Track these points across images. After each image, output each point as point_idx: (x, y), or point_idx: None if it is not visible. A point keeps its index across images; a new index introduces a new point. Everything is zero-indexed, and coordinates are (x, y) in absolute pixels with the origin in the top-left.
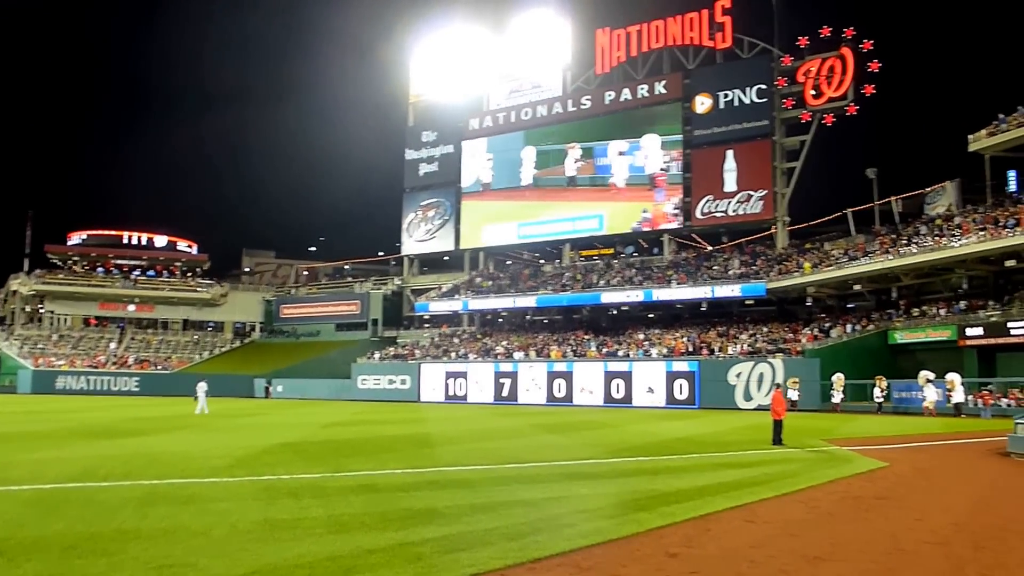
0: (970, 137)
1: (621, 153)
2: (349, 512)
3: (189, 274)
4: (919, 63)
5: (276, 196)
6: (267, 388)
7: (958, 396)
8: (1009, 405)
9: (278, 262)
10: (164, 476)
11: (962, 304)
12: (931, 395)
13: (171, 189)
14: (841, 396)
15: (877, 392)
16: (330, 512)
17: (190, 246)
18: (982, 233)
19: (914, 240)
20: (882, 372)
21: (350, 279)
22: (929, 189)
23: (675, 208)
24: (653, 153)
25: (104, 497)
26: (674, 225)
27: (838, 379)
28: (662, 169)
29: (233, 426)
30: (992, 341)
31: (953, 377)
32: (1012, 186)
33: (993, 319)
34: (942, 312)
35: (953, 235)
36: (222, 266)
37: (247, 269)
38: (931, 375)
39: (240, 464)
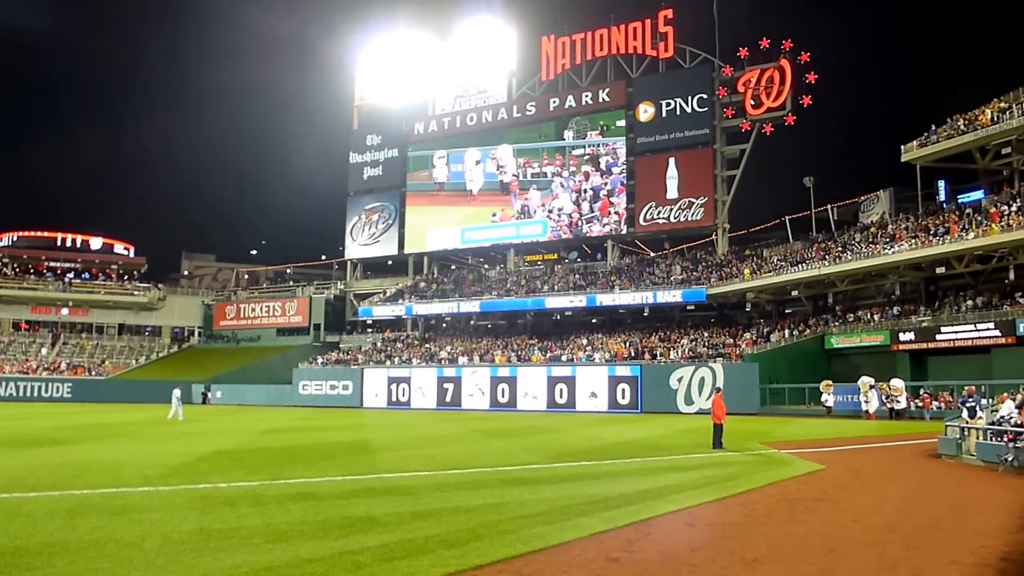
0: (903, 147)
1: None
2: (287, 521)
3: (126, 277)
4: (854, 76)
5: (217, 199)
6: (204, 394)
7: (902, 402)
8: (939, 407)
9: (218, 265)
10: (94, 486)
11: (895, 310)
12: (873, 400)
13: (108, 191)
14: (833, 400)
15: (826, 396)
16: (268, 521)
17: (127, 248)
18: (914, 241)
19: (849, 247)
20: (819, 376)
21: (292, 283)
22: (864, 197)
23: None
24: (508, 161)
25: (30, 508)
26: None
27: (825, 384)
28: (514, 175)
29: (168, 433)
30: (923, 346)
31: (898, 383)
32: (942, 195)
33: (924, 324)
34: (876, 317)
35: (886, 243)
36: (160, 269)
37: (186, 273)
38: (871, 380)
39: (174, 472)
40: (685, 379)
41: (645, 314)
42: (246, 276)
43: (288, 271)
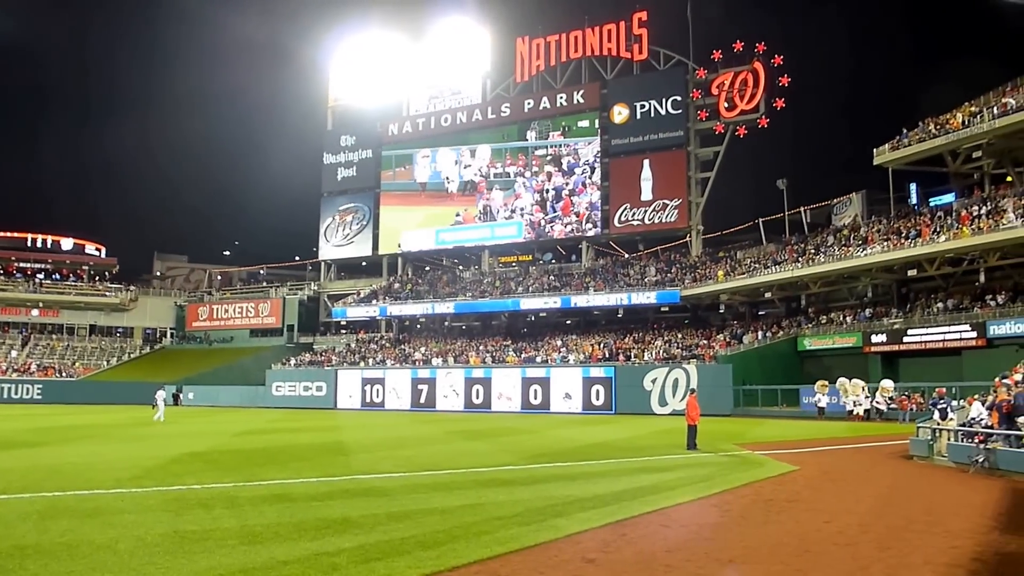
0: (875, 151)
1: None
2: (262, 522)
3: (97, 278)
4: (827, 79)
5: (190, 199)
6: (176, 395)
7: (863, 403)
8: (911, 409)
9: (191, 266)
10: (66, 488)
11: (867, 312)
12: (861, 401)
13: (79, 191)
14: (827, 401)
15: (819, 397)
16: (242, 523)
17: (98, 249)
18: (886, 243)
19: (822, 249)
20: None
21: (265, 284)
22: (836, 200)
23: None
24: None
25: (1, 512)
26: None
27: (820, 385)
28: (482, 176)
29: (141, 435)
30: (895, 347)
31: (887, 384)
32: (914, 198)
33: (896, 326)
34: (848, 319)
35: (859, 245)
36: (132, 270)
37: (158, 273)
38: (862, 383)
39: (147, 474)
40: (659, 380)
41: (619, 315)
42: (219, 277)
43: (261, 272)
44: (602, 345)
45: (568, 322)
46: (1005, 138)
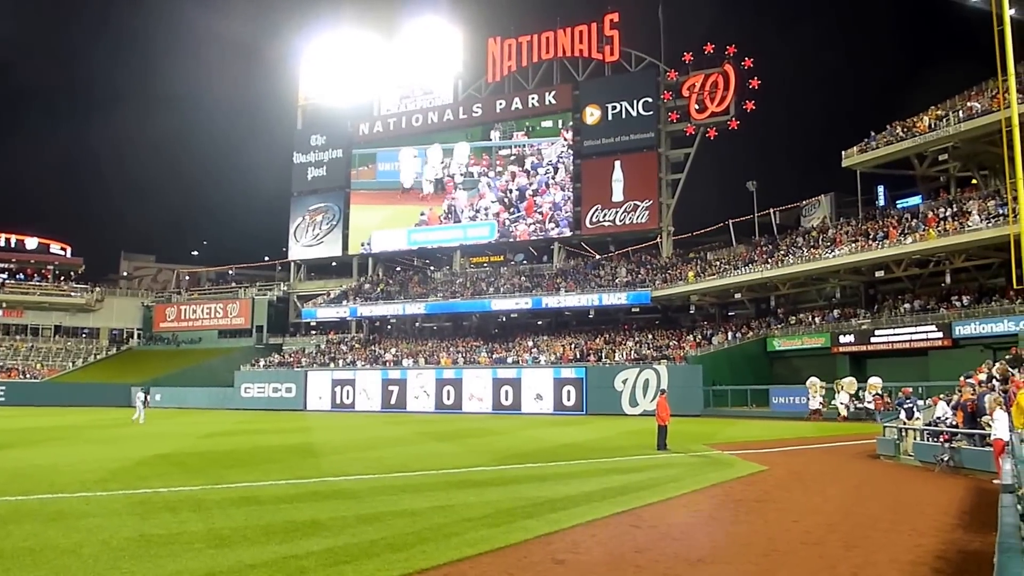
0: (843, 153)
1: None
2: (229, 525)
3: (62, 278)
4: (797, 82)
5: (158, 199)
6: (144, 397)
7: (817, 400)
8: (882, 409)
9: (158, 266)
10: (30, 491)
11: (835, 313)
12: (844, 400)
13: (45, 190)
14: (820, 401)
15: (816, 398)
16: (209, 526)
17: (64, 249)
18: (854, 245)
19: (791, 251)
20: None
21: (234, 284)
22: (805, 202)
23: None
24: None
25: None
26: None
27: (812, 384)
28: (449, 176)
29: (107, 437)
30: (862, 348)
31: (875, 381)
32: (881, 200)
33: (863, 327)
34: (817, 320)
35: (827, 247)
36: (98, 270)
37: (125, 274)
38: (849, 379)
39: (113, 477)
40: (630, 381)
41: (591, 316)
42: (187, 277)
43: (230, 272)
44: (573, 346)
45: (539, 323)
46: (970, 142)
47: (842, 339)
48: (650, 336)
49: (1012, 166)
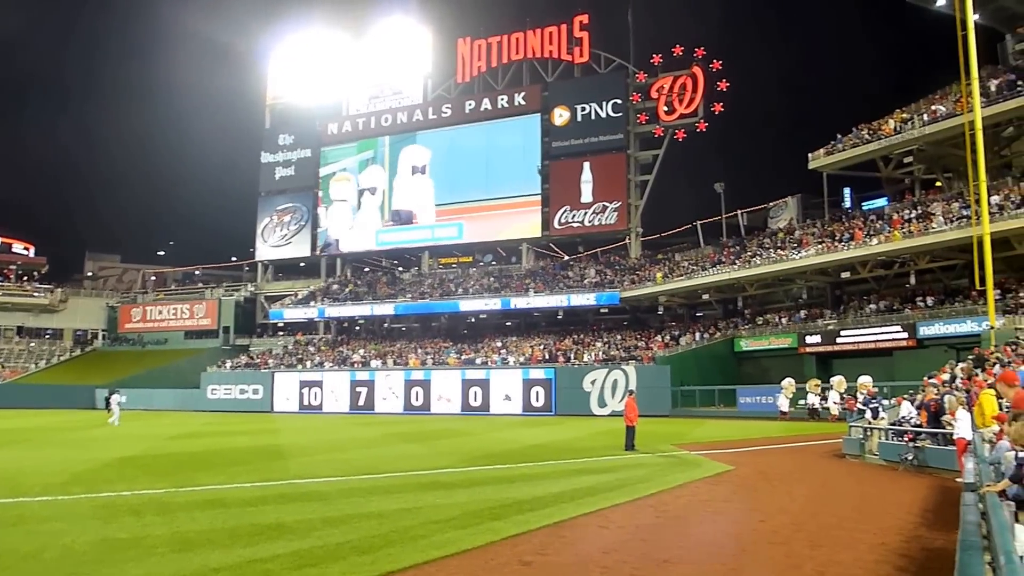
0: (810, 155)
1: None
2: (195, 529)
3: (25, 278)
4: (765, 84)
5: (123, 198)
6: (108, 399)
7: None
8: (839, 408)
9: (124, 266)
10: None
11: (802, 313)
12: (836, 399)
13: (7, 187)
14: (788, 402)
15: (812, 397)
16: (174, 529)
17: (26, 248)
18: (820, 246)
19: (758, 252)
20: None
21: (201, 285)
22: (772, 203)
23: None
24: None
25: None
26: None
27: (788, 384)
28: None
29: (70, 440)
30: (829, 348)
31: (866, 379)
32: (847, 202)
33: (830, 327)
34: (784, 321)
35: (794, 248)
36: (62, 270)
37: (90, 273)
38: (838, 378)
39: (76, 480)
40: (598, 382)
41: (559, 317)
42: (153, 277)
43: (197, 273)
44: (542, 347)
45: (508, 324)
46: (935, 144)
47: (808, 339)
48: (619, 337)
49: (975, 169)
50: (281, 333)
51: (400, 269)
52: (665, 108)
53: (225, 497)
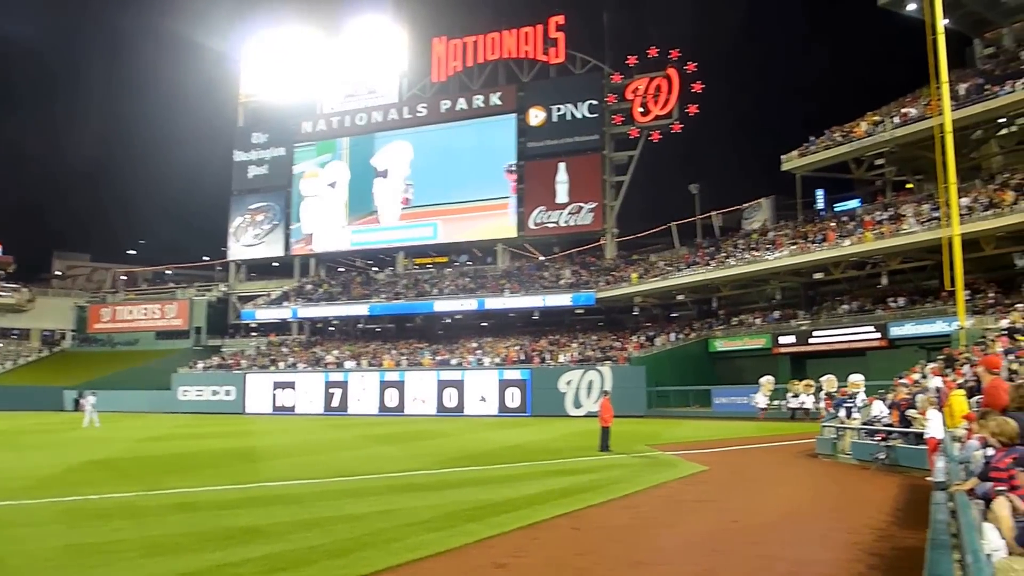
0: (783, 157)
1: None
2: (164, 533)
3: None
4: (739, 86)
5: (92, 196)
6: (77, 401)
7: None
8: (814, 409)
9: (93, 266)
10: None
11: (776, 314)
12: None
13: None
14: (767, 401)
15: (804, 398)
16: (143, 534)
17: None
18: (793, 248)
19: (733, 253)
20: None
21: (172, 285)
22: (746, 205)
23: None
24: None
25: None
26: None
27: (767, 382)
28: None
29: (37, 443)
30: (802, 349)
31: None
32: (820, 204)
33: (803, 328)
34: (758, 321)
35: (767, 249)
36: (29, 269)
37: (58, 273)
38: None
39: (42, 485)
40: (574, 382)
41: (535, 318)
42: (123, 277)
43: (168, 272)
44: (517, 347)
45: (483, 324)
46: (906, 147)
47: (782, 340)
48: (594, 337)
49: (945, 171)
50: (254, 334)
51: (375, 269)
52: (640, 109)
53: (196, 500)
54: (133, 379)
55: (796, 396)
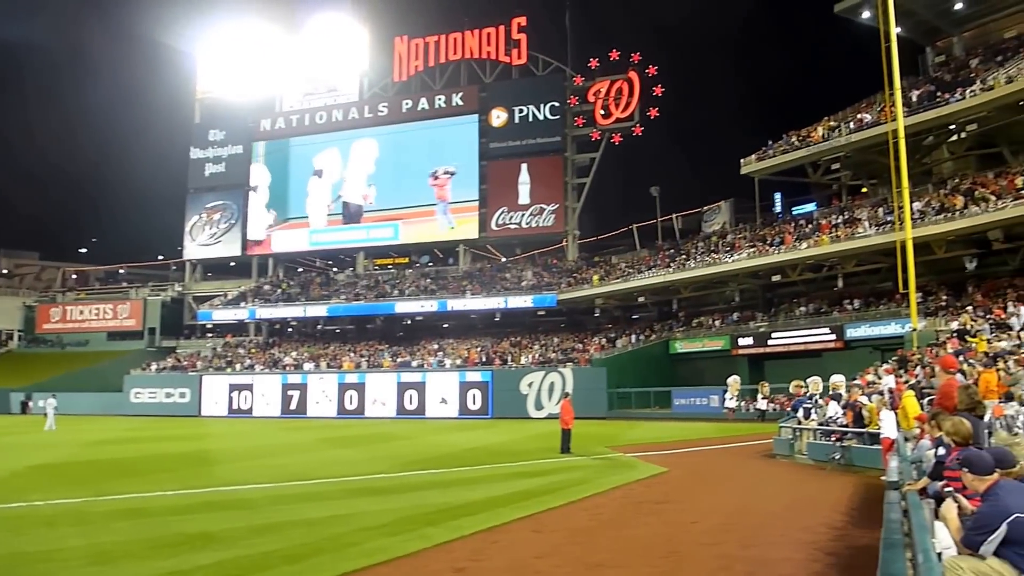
0: (742, 161)
1: None
2: (113, 540)
3: None
4: (700, 90)
5: (42, 192)
6: (24, 403)
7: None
8: (775, 409)
9: (42, 264)
10: None
11: (735, 316)
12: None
13: None
14: (735, 402)
15: (760, 399)
16: (91, 541)
17: None
18: (752, 250)
19: (693, 255)
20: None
21: (125, 284)
22: (706, 207)
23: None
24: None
25: None
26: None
27: (734, 382)
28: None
29: None
30: (761, 350)
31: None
32: (778, 207)
33: (761, 329)
34: (718, 323)
35: (727, 251)
36: None
37: (5, 271)
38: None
39: None
40: (535, 384)
41: (496, 319)
42: (74, 276)
43: (121, 271)
44: (479, 349)
45: (445, 326)
46: (861, 151)
47: (741, 341)
48: (555, 339)
49: (899, 175)
50: (210, 335)
51: (335, 270)
52: (602, 112)
53: (147, 506)
54: (83, 381)
55: (765, 397)
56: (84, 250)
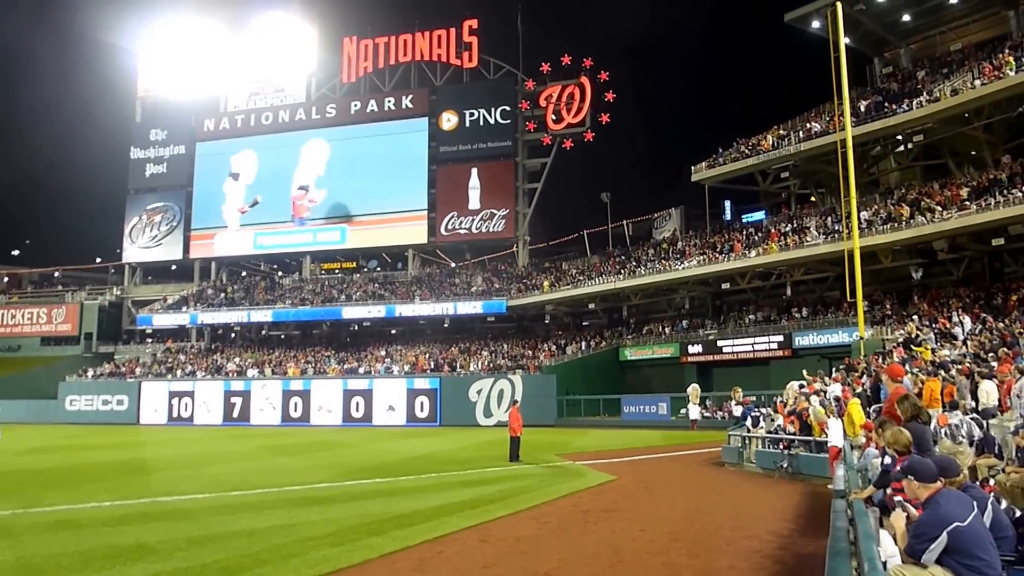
0: (693, 168)
1: None
2: (43, 553)
3: None
4: (651, 97)
5: None
6: None
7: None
8: (723, 417)
9: None
10: None
11: (684, 323)
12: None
13: None
14: (699, 411)
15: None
16: (19, 554)
17: None
18: (702, 258)
19: (643, 262)
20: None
21: (61, 288)
22: (657, 214)
23: None
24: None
25: None
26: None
27: (693, 391)
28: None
29: None
30: (710, 358)
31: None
32: (728, 215)
33: (711, 337)
34: (667, 330)
35: (677, 259)
36: None
37: None
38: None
39: None
40: (484, 391)
41: (445, 325)
42: (6, 279)
43: (56, 274)
44: (427, 355)
45: (393, 332)
46: (809, 160)
47: (690, 349)
48: (505, 346)
49: (846, 185)
50: (150, 340)
51: (280, 274)
52: (553, 117)
53: (79, 517)
54: (15, 388)
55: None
56: (17, 252)
